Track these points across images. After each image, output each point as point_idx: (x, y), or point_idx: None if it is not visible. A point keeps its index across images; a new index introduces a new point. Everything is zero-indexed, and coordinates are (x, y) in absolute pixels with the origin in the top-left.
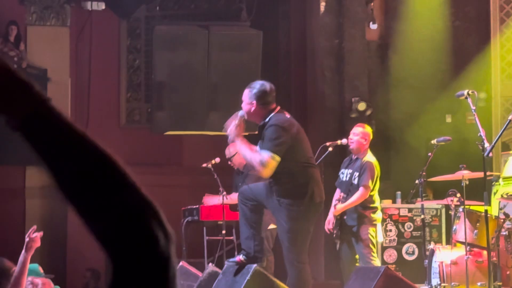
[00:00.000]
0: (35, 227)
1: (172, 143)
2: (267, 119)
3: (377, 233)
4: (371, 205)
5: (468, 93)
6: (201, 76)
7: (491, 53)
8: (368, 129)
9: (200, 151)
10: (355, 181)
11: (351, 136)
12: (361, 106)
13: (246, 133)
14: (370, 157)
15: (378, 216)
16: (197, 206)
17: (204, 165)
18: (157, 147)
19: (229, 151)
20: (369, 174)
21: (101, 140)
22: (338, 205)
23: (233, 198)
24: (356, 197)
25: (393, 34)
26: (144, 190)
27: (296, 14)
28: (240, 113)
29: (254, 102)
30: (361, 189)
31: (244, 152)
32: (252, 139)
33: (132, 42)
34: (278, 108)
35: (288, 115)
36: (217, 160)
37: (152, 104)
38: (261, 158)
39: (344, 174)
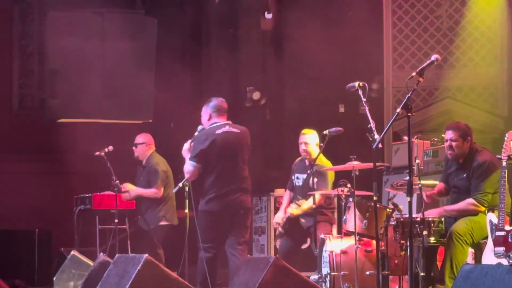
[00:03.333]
0: None
1: (66, 131)
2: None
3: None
4: None
5: (359, 85)
6: (95, 63)
7: (383, 44)
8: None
9: (93, 139)
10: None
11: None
12: (256, 95)
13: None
14: None
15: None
16: (90, 194)
17: (97, 153)
18: (50, 134)
19: (139, 140)
20: None
21: None
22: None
23: (126, 187)
24: None
25: (288, 24)
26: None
27: (192, 2)
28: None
29: (208, 111)
30: None
31: None
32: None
33: (25, 27)
34: (221, 122)
35: (219, 130)
36: (110, 148)
37: (45, 91)
38: (185, 166)
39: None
